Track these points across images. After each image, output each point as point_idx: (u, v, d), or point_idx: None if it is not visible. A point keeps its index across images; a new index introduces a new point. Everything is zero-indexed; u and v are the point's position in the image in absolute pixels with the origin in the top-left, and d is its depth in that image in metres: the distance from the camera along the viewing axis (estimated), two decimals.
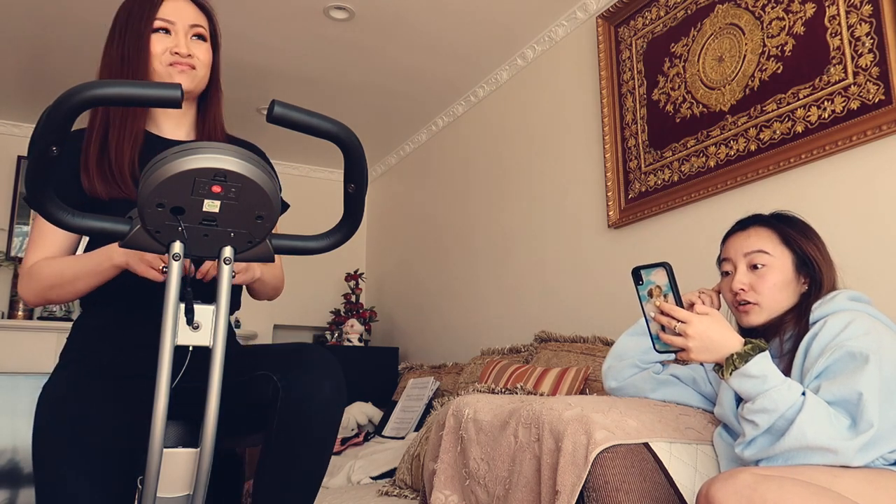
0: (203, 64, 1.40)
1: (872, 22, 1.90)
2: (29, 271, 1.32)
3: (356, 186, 1.08)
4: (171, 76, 1.35)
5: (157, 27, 1.36)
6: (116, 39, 1.37)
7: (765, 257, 1.36)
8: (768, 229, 1.39)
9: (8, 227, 4.22)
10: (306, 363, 1.28)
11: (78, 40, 3.30)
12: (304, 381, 1.25)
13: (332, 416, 1.28)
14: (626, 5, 2.75)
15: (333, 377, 1.28)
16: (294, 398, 1.24)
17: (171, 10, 1.37)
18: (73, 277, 1.27)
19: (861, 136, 1.89)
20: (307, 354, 1.31)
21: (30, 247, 1.35)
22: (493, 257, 3.58)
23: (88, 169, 1.33)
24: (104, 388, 1.28)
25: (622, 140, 2.74)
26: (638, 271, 1.29)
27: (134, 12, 1.37)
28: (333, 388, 1.27)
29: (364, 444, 3.23)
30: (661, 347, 1.27)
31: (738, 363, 1.18)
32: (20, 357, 3.92)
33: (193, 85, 1.39)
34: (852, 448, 1.12)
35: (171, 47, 1.36)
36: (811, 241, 1.39)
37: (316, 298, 4.87)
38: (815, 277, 1.36)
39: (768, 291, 1.35)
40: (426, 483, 1.65)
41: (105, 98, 0.90)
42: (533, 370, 2.53)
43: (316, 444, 1.28)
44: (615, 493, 1.23)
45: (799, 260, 1.36)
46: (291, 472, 1.27)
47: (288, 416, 1.24)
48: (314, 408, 1.25)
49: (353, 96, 3.96)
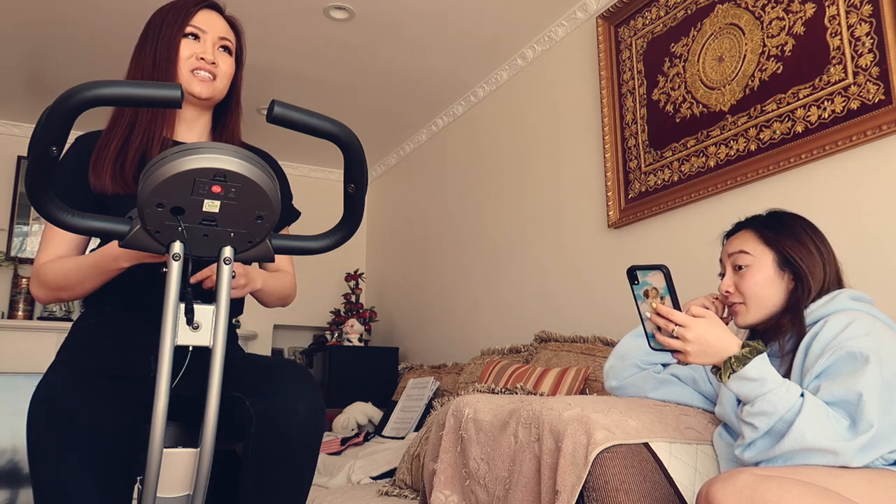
0: (224, 74, 1.44)
1: (872, 22, 1.90)
2: (38, 272, 1.35)
3: (356, 186, 1.08)
4: (192, 81, 1.40)
5: (188, 32, 1.41)
6: (149, 42, 1.40)
7: (746, 258, 1.37)
8: (750, 230, 1.41)
9: (8, 227, 4.22)
10: (278, 385, 1.25)
11: (78, 40, 3.30)
12: (276, 406, 1.22)
13: (308, 440, 1.25)
14: (626, 5, 2.75)
15: (307, 397, 1.25)
16: (267, 424, 1.21)
17: (204, 20, 1.42)
18: (80, 279, 1.30)
19: (861, 136, 1.89)
20: (278, 375, 1.28)
21: (41, 247, 1.38)
22: (493, 257, 3.58)
23: (100, 166, 1.35)
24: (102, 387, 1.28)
25: (622, 140, 2.74)
26: (633, 271, 1.28)
27: (168, 19, 1.41)
28: (308, 409, 1.24)
29: (364, 444, 3.23)
30: (656, 345, 1.28)
31: (737, 366, 1.18)
32: (20, 357, 3.92)
33: (210, 93, 1.43)
34: (852, 449, 1.11)
35: (198, 53, 1.40)
36: (794, 238, 1.38)
37: (316, 298, 4.87)
38: (798, 273, 1.35)
39: (750, 290, 1.36)
40: (426, 483, 1.65)
41: (105, 98, 0.90)
42: (533, 370, 2.53)
43: (293, 470, 1.25)
44: (615, 493, 1.23)
45: (780, 258, 1.37)
46: (270, 499, 1.25)
47: (263, 443, 1.22)
48: (289, 433, 1.22)
49: (353, 96, 3.96)
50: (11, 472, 3.96)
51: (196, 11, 1.42)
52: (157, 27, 1.42)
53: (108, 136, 1.39)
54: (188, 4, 1.43)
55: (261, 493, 1.24)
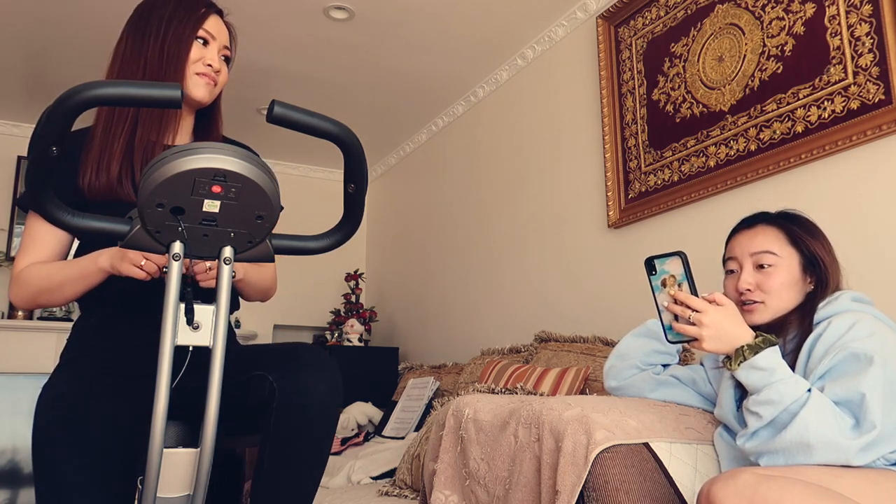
0: (222, 82, 1.49)
1: (872, 22, 1.90)
2: (17, 276, 1.34)
3: (356, 186, 1.08)
4: (196, 84, 1.42)
5: (200, 36, 1.43)
6: (153, 36, 1.40)
7: (772, 258, 1.35)
8: (776, 228, 1.38)
9: (8, 227, 4.22)
10: (301, 363, 1.29)
11: (78, 40, 3.30)
12: (299, 382, 1.26)
13: (328, 416, 1.29)
14: (626, 5, 2.75)
15: (329, 377, 1.29)
16: (289, 399, 1.25)
17: (214, 26, 1.45)
18: (60, 283, 1.30)
19: (861, 136, 1.89)
20: (302, 355, 1.32)
21: (20, 251, 1.37)
22: (493, 257, 3.58)
23: (103, 168, 1.35)
24: (105, 386, 1.28)
25: (622, 140, 2.74)
26: (651, 261, 1.29)
27: (179, 16, 1.42)
28: (329, 387, 1.28)
29: (364, 444, 3.23)
30: (673, 337, 1.28)
31: (748, 355, 1.19)
32: (20, 357, 3.92)
33: (208, 98, 1.46)
34: (854, 447, 1.11)
35: (206, 58, 1.43)
36: (818, 240, 1.38)
37: (316, 298, 4.87)
38: (821, 277, 1.35)
39: (775, 291, 1.34)
40: (426, 483, 1.65)
41: (105, 98, 0.90)
42: (533, 370, 2.53)
43: (313, 444, 1.28)
44: (615, 493, 1.23)
45: (806, 260, 1.36)
46: (289, 472, 1.27)
47: (284, 417, 1.25)
48: (310, 408, 1.25)
49: (353, 96, 3.96)
50: (11, 472, 3.96)
51: (207, 16, 1.44)
52: (162, 21, 1.41)
53: (106, 137, 1.37)
54: (198, 5, 1.44)
55: (282, 463, 1.27)
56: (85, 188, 1.34)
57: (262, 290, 1.50)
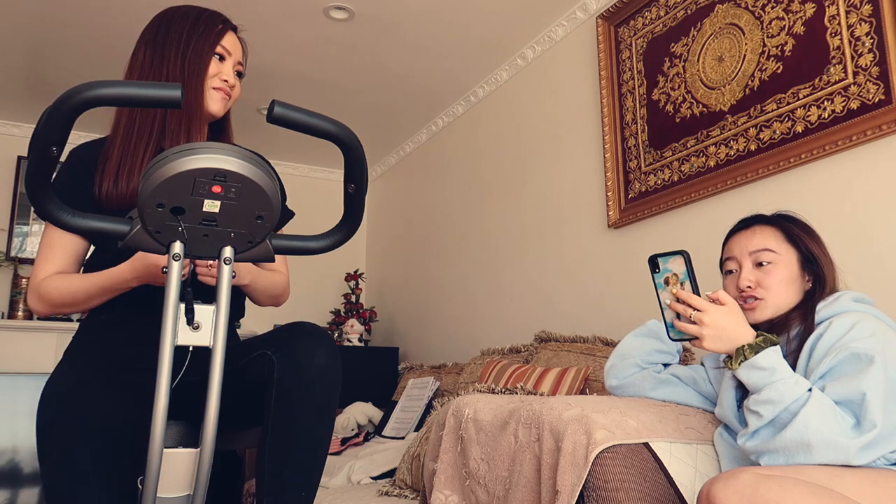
0: (235, 96, 1.54)
1: (872, 22, 1.90)
2: (39, 288, 1.36)
3: (356, 186, 1.08)
4: (213, 98, 1.47)
5: (218, 52, 1.48)
6: (174, 51, 1.44)
7: (770, 255, 1.37)
8: (773, 227, 1.40)
9: (8, 227, 4.22)
10: (296, 334, 1.32)
11: (78, 40, 3.30)
12: (297, 350, 1.28)
13: (329, 380, 1.30)
14: (626, 5, 2.75)
15: (325, 345, 1.31)
16: (289, 367, 1.27)
17: (231, 43, 1.51)
18: (86, 298, 1.34)
19: (861, 136, 1.89)
20: (298, 327, 1.35)
21: (38, 260, 1.39)
22: (493, 257, 3.58)
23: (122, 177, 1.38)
24: (113, 380, 1.30)
25: (622, 140, 2.74)
26: (655, 259, 1.30)
27: (198, 31, 1.46)
28: (327, 353, 1.30)
29: (364, 444, 3.23)
30: (675, 335, 1.29)
31: (749, 354, 1.19)
32: (20, 357, 3.92)
33: (223, 111, 1.51)
34: (854, 447, 1.11)
35: (222, 73, 1.48)
36: (814, 240, 1.41)
37: (316, 298, 4.87)
38: (819, 275, 1.37)
39: (775, 287, 1.35)
40: (426, 483, 1.65)
41: (105, 98, 0.90)
42: (533, 370, 2.53)
43: (316, 410, 1.29)
44: (615, 493, 1.23)
45: (804, 258, 1.38)
46: (295, 439, 1.28)
47: (286, 385, 1.27)
48: (311, 374, 1.27)
49: (353, 96, 3.96)
50: (11, 472, 3.96)
51: (225, 32, 1.50)
52: (182, 36, 1.45)
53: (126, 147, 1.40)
54: (215, 21, 1.49)
55: (285, 435, 1.27)
56: (102, 197, 1.36)
57: (272, 295, 1.53)
